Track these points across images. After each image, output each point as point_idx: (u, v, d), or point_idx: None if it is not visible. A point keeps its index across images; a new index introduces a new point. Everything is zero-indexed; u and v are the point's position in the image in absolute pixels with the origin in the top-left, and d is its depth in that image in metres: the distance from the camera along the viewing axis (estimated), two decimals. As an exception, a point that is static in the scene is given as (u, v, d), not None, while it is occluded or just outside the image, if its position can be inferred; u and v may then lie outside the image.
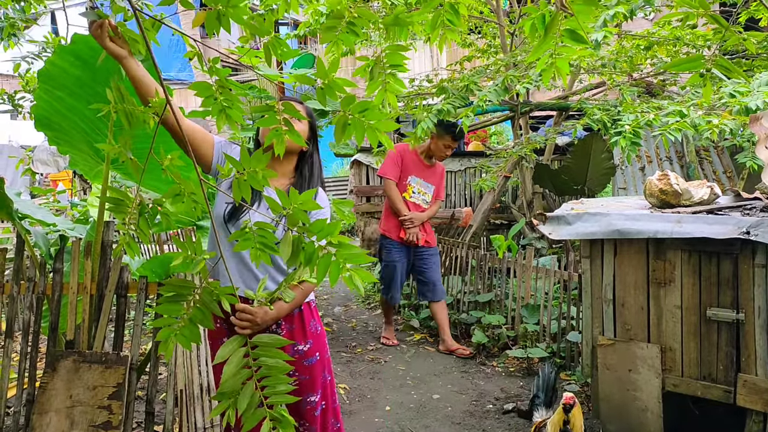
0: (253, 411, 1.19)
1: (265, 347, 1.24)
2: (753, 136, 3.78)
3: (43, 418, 2.56)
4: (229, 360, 1.24)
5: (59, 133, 2.65)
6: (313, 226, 1.11)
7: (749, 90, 3.22)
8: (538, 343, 4.48)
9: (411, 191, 4.77)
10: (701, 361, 2.78)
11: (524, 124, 6.95)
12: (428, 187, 4.83)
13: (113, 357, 2.65)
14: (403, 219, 4.69)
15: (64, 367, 2.63)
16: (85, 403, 2.57)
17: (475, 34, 7.60)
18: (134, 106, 1.37)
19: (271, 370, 1.22)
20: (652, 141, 6.18)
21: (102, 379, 2.61)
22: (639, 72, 6.06)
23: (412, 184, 4.77)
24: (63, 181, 11.85)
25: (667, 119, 3.31)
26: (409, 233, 4.69)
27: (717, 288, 2.72)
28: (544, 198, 7.48)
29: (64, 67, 2.43)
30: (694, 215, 2.74)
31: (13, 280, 2.85)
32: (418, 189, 4.80)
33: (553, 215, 3.15)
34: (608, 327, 3.04)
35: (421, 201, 4.80)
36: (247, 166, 1.18)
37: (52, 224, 3.19)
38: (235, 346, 1.26)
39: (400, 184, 4.74)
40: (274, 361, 1.23)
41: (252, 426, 1.21)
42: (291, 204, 1.12)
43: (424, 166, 4.83)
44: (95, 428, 2.54)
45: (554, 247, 6.19)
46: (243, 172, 1.19)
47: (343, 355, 4.79)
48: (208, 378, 2.91)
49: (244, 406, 1.19)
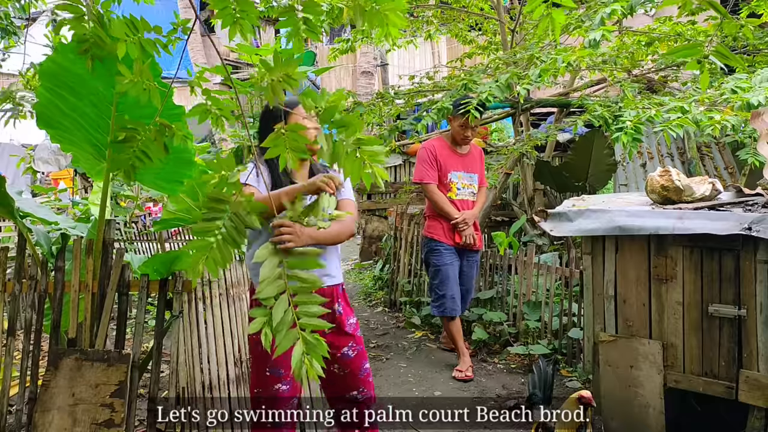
0: (286, 331, 1.18)
1: (299, 257, 1.27)
2: (754, 132, 3.78)
3: (46, 416, 2.56)
4: (265, 262, 1.26)
5: (61, 132, 2.65)
6: (341, 121, 1.23)
7: (751, 86, 3.22)
8: (539, 340, 4.49)
9: (455, 189, 4.26)
10: (703, 357, 2.78)
11: (525, 120, 6.94)
12: (472, 178, 4.33)
13: (115, 355, 2.65)
14: (455, 222, 4.17)
15: (67, 366, 2.64)
16: (87, 401, 2.58)
17: (476, 30, 7.59)
18: (151, 82, 1.37)
19: (304, 286, 1.24)
20: (653, 137, 6.17)
21: (104, 377, 2.61)
22: (640, 68, 6.05)
23: (454, 181, 4.25)
24: (64, 179, 11.85)
25: (669, 115, 3.31)
26: (464, 236, 4.19)
27: (719, 284, 2.72)
28: (545, 195, 7.47)
29: (65, 64, 2.43)
30: (696, 211, 2.73)
31: (15, 279, 2.85)
32: (462, 183, 4.29)
33: (554, 212, 3.14)
34: (610, 323, 3.04)
35: (468, 195, 4.30)
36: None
37: (54, 223, 3.19)
38: (271, 250, 1.28)
39: (441, 185, 4.23)
40: (308, 275, 1.25)
41: (287, 347, 1.19)
42: (322, 102, 1.24)
43: (460, 155, 4.33)
44: (97, 426, 2.55)
45: (555, 244, 6.18)
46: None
47: (345, 352, 4.79)
48: (210, 376, 2.92)
49: (279, 315, 1.18)
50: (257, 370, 2.36)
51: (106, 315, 2.76)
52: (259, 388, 2.35)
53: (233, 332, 3.05)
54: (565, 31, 4.63)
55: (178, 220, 3.48)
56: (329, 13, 4.19)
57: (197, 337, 2.91)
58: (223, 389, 2.97)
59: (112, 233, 2.86)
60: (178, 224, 3.57)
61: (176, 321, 2.83)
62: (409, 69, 12.33)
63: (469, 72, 5.23)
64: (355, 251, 9.50)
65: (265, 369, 2.32)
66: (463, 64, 7.50)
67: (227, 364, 3.00)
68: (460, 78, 4.66)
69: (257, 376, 2.35)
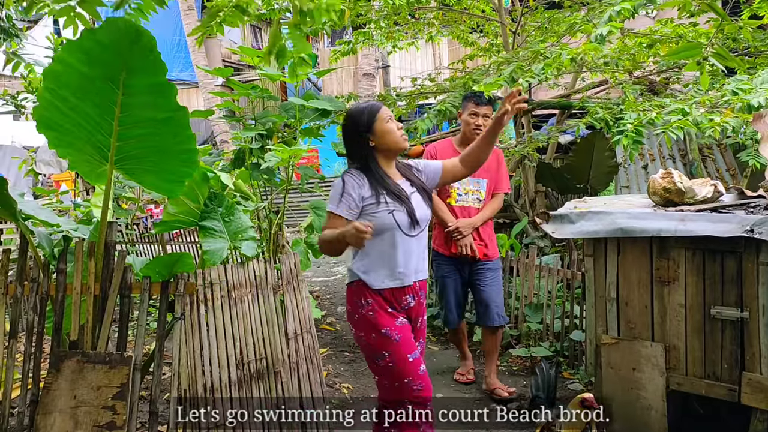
0: None
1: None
2: (756, 134, 3.77)
3: (47, 418, 2.56)
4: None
5: (61, 134, 2.64)
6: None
7: (752, 87, 3.21)
8: (541, 342, 4.48)
9: (455, 194, 3.88)
10: (705, 359, 2.77)
11: (526, 122, 6.94)
12: (479, 183, 3.89)
13: (117, 357, 2.65)
14: (448, 230, 3.81)
15: (68, 368, 2.64)
16: (89, 404, 2.58)
17: (478, 32, 7.59)
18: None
19: None
20: (654, 139, 6.17)
21: (106, 380, 2.61)
22: (641, 70, 6.05)
23: (455, 186, 3.85)
24: (66, 181, 11.86)
25: (670, 117, 3.30)
26: (459, 246, 3.81)
27: (721, 286, 2.72)
28: (546, 197, 7.47)
29: (72, 63, 2.42)
30: (698, 213, 2.73)
31: (17, 281, 2.85)
32: (465, 189, 3.90)
33: (556, 214, 3.14)
34: (612, 326, 3.03)
35: (472, 201, 3.90)
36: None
37: (56, 225, 3.19)
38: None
39: (441, 190, 3.82)
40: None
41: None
42: None
43: None
44: (99, 428, 2.55)
45: (557, 246, 6.18)
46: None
47: (347, 354, 4.79)
48: (212, 378, 2.92)
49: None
50: (402, 360, 2.46)
51: (107, 317, 2.76)
52: (409, 377, 2.48)
53: (235, 334, 3.05)
54: (568, 32, 4.63)
55: (179, 222, 3.48)
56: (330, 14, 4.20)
57: (199, 339, 2.91)
58: (225, 391, 2.97)
59: (114, 235, 2.86)
60: (179, 226, 3.57)
61: (178, 323, 2.83)
62: (410, 71, 12.34)
63: (471, 73, 5.23)
64: (356, 253, 9.43)
65: (407, 356, 2.47)
66: (464, 66, 7.50)
67: (229, 367, 3.00)
68: (462, 79, 4.65)
69: (404, 366, 2.47)
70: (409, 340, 2.51)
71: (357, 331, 2.54)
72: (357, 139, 2.49)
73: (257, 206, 4.11)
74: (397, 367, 2.46)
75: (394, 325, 2.46)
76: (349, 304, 2.57)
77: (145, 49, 2.39)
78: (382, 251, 2.45)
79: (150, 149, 2.72)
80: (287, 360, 3.26)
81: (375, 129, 2.46)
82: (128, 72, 2.44)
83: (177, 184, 2.84)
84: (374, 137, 2.47)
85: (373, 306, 2.46)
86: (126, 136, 2.64)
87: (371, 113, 2.47)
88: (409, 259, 2.49)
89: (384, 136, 2.46)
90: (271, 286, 3.27)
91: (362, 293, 2.48)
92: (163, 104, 2.56)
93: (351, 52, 6.65)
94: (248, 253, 3.32)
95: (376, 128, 2.46)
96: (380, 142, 2.47)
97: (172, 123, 2.62)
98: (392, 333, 2.45)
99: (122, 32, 2.36)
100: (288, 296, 3.36)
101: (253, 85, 4.04)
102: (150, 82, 2.50)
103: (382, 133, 2.46)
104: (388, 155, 2.53)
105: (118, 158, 2.72)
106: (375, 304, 2.46)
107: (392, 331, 2.45)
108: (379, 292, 2.46)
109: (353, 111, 2.54)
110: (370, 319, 2.46)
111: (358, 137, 2.47)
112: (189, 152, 2.72)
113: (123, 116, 2.57)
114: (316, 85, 16.47)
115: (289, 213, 5.82)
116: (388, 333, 2.45)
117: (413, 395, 2.48)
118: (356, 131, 2.49)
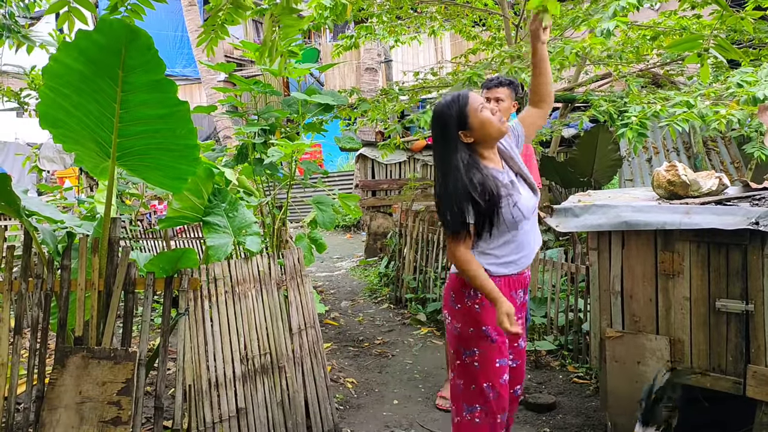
0: None
1: None
2: (761, 126, 3.75)
3: (53, 414, 2.57)
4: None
5: (64, 131, 2.65)
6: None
7: (757, 80, 3.20)
8: (545, 336, 4.48)
9: None
10: (710, 352, 2.76)
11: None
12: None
13: (122, 353, 2.66)
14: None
15: (73, 364, 2.64)
16: (94, 399, 2.59)
17: (480, 26, 7.56)
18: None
19: None
20: (659, 132, 6.14)
21: (111, 375, 2.62)
22: (645, 63, 6.01)
23: None
24: (69, 178, 11.89)
25: (674, 110, 3.29)
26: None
27: (726, 279, 2.70)
28: (550, 190, 7.46)
29: (68, 63, 2.42)
30: (703, 206, 2.72)
31: (22, 278, 2.86)
32: None
33: (560, 207, 3.13)
34: (616, 319, 3.03)
35: None
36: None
37: (60, 221, 3.19)
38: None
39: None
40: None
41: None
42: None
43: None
44: (104, 424, 2.55)
45: (561, 240, 6.17)
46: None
47: (351, 349, 4.80)
48: (216, 373, 2.93)
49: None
50: (488, 361, 2.33)
51: (112, 313, 2.76)
52: (489, 382, 2.33)
53: (239, 330, 3.06)
54: (571, 26, 4.61)
55: (183, 218, 3.49)
56: (332, 9, 4.19)
57: (203, 334, 2.91)
58: (229, 386, 2.97)
59: (118, 231, 2.87)
60: (182, 222, 3.57)
61: (182, 319, 2.84)
62: (412, 65, 12.30)
63: (474, 67, 5.21)
64: (360, 248, 9.49)
65: (495, 361, 2.33)
66: (467, 60, 7.47)
67: (233, 362, 3.01)
68: (465, 73, 4.63)
69: (487, 368, 2.33)
70: (504, 344, 2.36)
71: (454, 320, 2.38)
72: (449, 134, 2.24)
73: (260, 201, 4.12)
74: (480, 369, 2.33)
75: (495, 325, 2.25)
76: (454, 292, 2.38)
77: (142, 47, 2.39)
78: (507, 241, 2.32)
79: (151, 145, 2.72)
80: (291, 355, 3.27)
81: (470, 124, 2.22)
82: (126, 70, 2.44)
83: (179, 181, 2.84)
84: (471, 133, 2.23)
85: (482, 299, 2.29)
86: (127, 132, 2.64)
87: (461, 106, 2.22)
88: (523, 248, 2.36)
89: (482, 128, 2.22)
90: (275, 282, 3.27)
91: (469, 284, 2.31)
92: (163, 101, 2.56)
93: (353, 47, 6.63)
94: (252, 249, 3.33)
95: (471, 123, 2.21)
96: (478, 135, 2.23)
97: (172, 119, 2.62)
98: (492, 332, 2.31)
99: (117, 32, 2.35)
100: (292, 291, 3.37)
101: (255, 81, 4.03)
102: (148, 79, 2.49)
103: (480, 125, 2.22)
104: (491, 145, 2.31)
105: (119, 154, 2.72)
106: (483, 298, 2.29)
107: (492, 331, 2.31)
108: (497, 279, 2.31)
109: (440, 108, 2.26)
110: (475, 314, 2.32)
111: (450, 132, 2.23)
112: (190, 148, 2.71)
113: (123, 113, 2.57)
114: (319, 80, 16.45)
115: (292, 208, 5.82)
116: (487, 332, 2.31)
117: (488, 403, 2.34)
118: (444, 126, 2.24)
